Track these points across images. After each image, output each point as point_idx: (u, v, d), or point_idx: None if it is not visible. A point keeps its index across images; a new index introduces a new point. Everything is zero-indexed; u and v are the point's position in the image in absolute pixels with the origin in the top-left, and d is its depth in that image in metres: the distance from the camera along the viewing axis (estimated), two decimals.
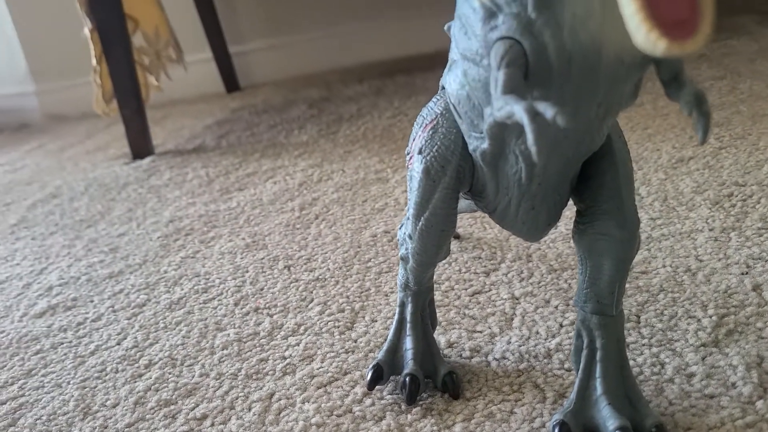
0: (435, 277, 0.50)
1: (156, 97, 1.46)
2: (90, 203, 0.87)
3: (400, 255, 0.37)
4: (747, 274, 0.43)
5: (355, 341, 0.44)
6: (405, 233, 0.36)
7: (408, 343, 0.38)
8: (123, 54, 1.01)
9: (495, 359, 0.39)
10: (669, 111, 0.77)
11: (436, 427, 0.35)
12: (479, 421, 0.34)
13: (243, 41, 1.60)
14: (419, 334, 0.38)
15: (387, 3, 1.54)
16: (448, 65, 0.32)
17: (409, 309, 0.38)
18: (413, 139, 0.35)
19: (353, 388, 0.39)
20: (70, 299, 0.59)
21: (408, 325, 0.38)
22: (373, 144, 0.89)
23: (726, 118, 0.71)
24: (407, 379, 0.37)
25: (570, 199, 0.33)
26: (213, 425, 0.38)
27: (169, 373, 0.44)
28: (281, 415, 0.38)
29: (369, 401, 0.37)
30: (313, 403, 0.38)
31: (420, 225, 0.34)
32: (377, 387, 0.38)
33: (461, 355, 0.40)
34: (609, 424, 0.31)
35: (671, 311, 0.41)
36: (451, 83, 0.30)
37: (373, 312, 0.47)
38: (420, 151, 0.33)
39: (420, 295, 0.38)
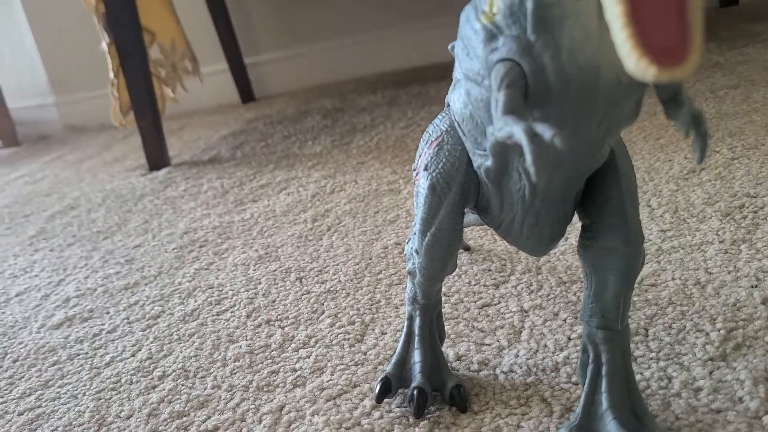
0: (444, 290, 0.50)
1: (173, 108, 1.49)
2: (107, 215, 0.89)
3: (407, 269, 0.38)
4: (756, 287, 0.43)
5: (365, 354, 0.44)
6: (412, 248, 0.36)
7: (416, 357, 0.38)
8: (140, 67, 1.02)
9: (503, 372, 0.40)
10: None
11: None
12: None
13: (258, 52, 1.62)
14: (427, 347, 0.39)
15: (400, 13, 1.55)
16: (452, 83, 0.32)
17: (418, 322, 0.39)
18: (419, 156, 0.35)
19: (362, 400, 0.39)
20: (86, 311, 0.60)
21: (416, 339, 0.39)
22: (386, 155, 0.90)
23: (739, 127, 0.71)
24: (415, 393, 0.37)
25: (575, 214, 0.34)
26: None
27: (182, 385, 0.45)
28: (291, 428, 0.38)
29: (377, 414, 0.38)
30: (323, 416, 0.39)
31: (426, 240, 0.35)
32: (386, 400, 0.38)
33: (469, 368, 0.41)
34: None
35: (679, 324, 0.41)
36: (455, 102, 0.31)
37: (383, 324, 0.48)
38: (426, 168, 0.34)
39: (428, 309, 0.39)
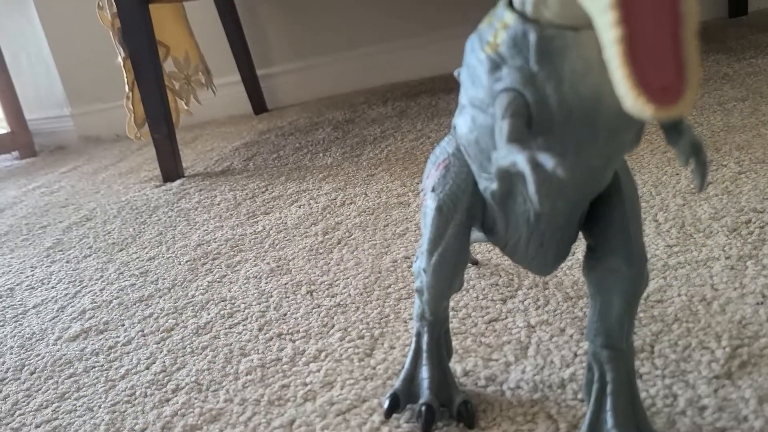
0: (452, 304, 0.51)
1: (187, 119, 1.50)
2: (122, 226, 0.90)
3: (415, 287, 0.38)
4: (762, 304, 0.43)
5: (374, 368, 0.45)
6: (420, 267, 0.37)
7: (424, 373, 0.39)
8: (154, 81, 1.04)
9: (509, 388, 0.40)
10: None
11: None
12: None
13: (270, 64, 1.63)
14: (435, 363, 0.39)
15: (409, 26, 1.56)
16: (458, 108, 0.33)
17: (425, 339, 0.40)
18: (427, 177, 0.36)
19: (371, 416, 0.40)
20: (102, 323, 0.61)
21: (424, 355, 0.40)
22: (396, 167, 0.91)
23: (747, 141, 0.71)
24: (423, 409, 0.38)
25: (580, 234, 0.34)
26: None
27: (195, 398, 0.46)
28: None
29: (386, 429, 0.39)
30: (333, 431, 0.39)
31: (434, 260, 0.35)
32: (394, 415, 0.39)
33: (477, 384, 0.41)
34: None
35: (685, 342, 0.41)
36: (461, 126, 0.31)
37: (392, 339, 0.48)
38: (433, 189, 0.35)
39: (436, 326, 0.40)
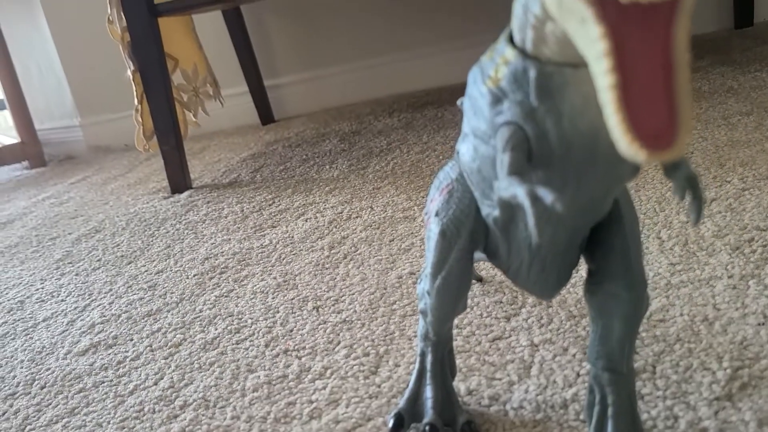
0: (457, 322, 0.51)
1: (194, 129, 1.52)
2: (131, 239, 0.91)
3: (419, 309, 0.39)
4: (763, 325, 0.43)
5: (379, 386, 0.46)
6: (424, 289, 0.38)
7: (428, 392, 0.40)
8: (163, 94, 1.05)
9: (513, 408, 0.41)
10: (694, 149, 0.78)
11: None
12: None
13: (278, 75, 1.65)
14: (439, 383, 0.40)
15: (415, 37, 1.58)
16: (462, 135, 0.34)
17: (430, 359, 0.40)
18: (430, 201, 0.37)
19: None
20: (111, 337, 0.62)
21: (428, 375, 0.40)
22: (401, 180, 0.91)
23: (751, 156, 0.71)
24: (427, 428, 0.38)
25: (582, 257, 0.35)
26: None
27: (203, 415, 0.46)
28: None
29: None
30: None
31: (437, 283, 0.36)
32: None
33: (480, 403, 0.42)
34: None
35: (687, 362, 0.41)
36: (464, 154, 0.32)
37: (397, 356, 0.49)
38: (437, 214, 0.35)
39: (439, 346, 0.40)
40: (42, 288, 0.79)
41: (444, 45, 1.56)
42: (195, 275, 0.73)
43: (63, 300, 0.74)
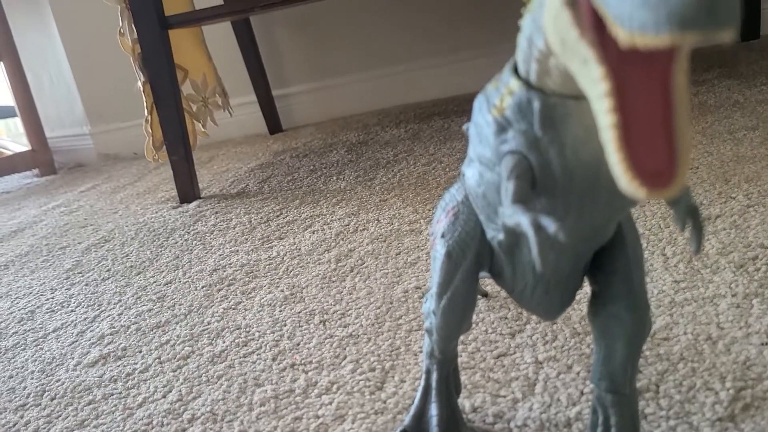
0: (462, 338, 0.52)
1: (203, 138, 1.53)
2: (140, 249, 0.92)
3: (425, 327, 0.40)
4: (767, 344, 0.44)
5: (385, 402, 0.46)
6: (429, 308, 0.38)
7: (433, 410, 0.40)
8: (173, 105, 1.07)
9: (517, 426, 0.41)
10: (699, 164, 0.78)
11: None
12: None
13: (286, 85, 1.66)
14: (444, 401, 0.40)
15: (422, 48, 1.58)
16: (467, 159, 0.34)
17: (435, 377, 0.41)
18: (436, 222, 0.37)
19: None
20: (120, 349, 0.63)
21: (433, 392, 0.41)
22: (408, 192, 0.92)
23: (756, 172, 0.72)
24: None
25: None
26: None
27: (210, 429, 0.47)
28: None
29: None
30: None
31: (443, 303, 0.37)
32: None
33: (485, 421, 0.42)
34: None
35: (690, 382, 0.42)
36: (470, 178, 0.33)
37: (402, 372, 0.49)
38: (443, 235, 0.36)
39: (445, 364, 0.41)
40: (52, 298, 0.80)
41: (451, 56, 1.57)
42: (203, 287, 0.74)
43: (73, 310, 0.75)
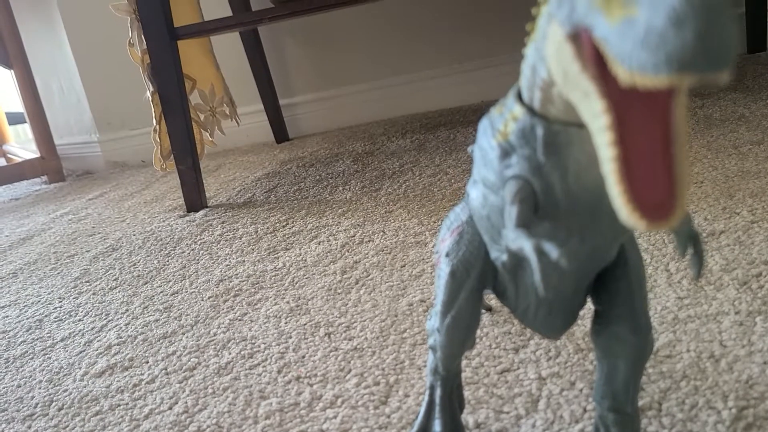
0: (466, 352, 0.52)
1: (211, 147, 1.54)
2: (147, 258, 0.93)
3: (429, 344, 0.40)
4: None
5: (389, 417, 0.47)
6: (433, 326, 0.39)
7: (437, 426, 0.41)
8: (181, 115, 1.08)
9: None
10: (704, 179, 0.78)
11: None
12: None
13: (293, 94, 1.67)
14: (447, 417, 0.41)
15: (429, 57, 1.59)
16: (472, 180, 0.35)
17: (438, 393, 0.41)
18: (441, 240, 0.38)
19: None
20: (127, 359, 0.63)
21: (437, 408, 0.41)
22: (413, 204, 0.93)
23: (761, 188, 0.72)
24: None
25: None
26: None
27: None
28: None
29: None
30: None
31: (447, 321, 0.37)
32: None
33: None
34: None
35: (692, 400, 0.42)
36: (475, 199, 0.33)
37: (407, 386, 0.50)
38: (447, 254, 0.36)
39: (448, 380, 0.41)
40: (60, 307, 0.81)
41: (457, 66, 1.58)
42: (210, 297, 0.74)
43: (81, 320, 0.76)
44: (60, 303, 0.82)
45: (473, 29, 1.56)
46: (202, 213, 1.11)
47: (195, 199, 1.13)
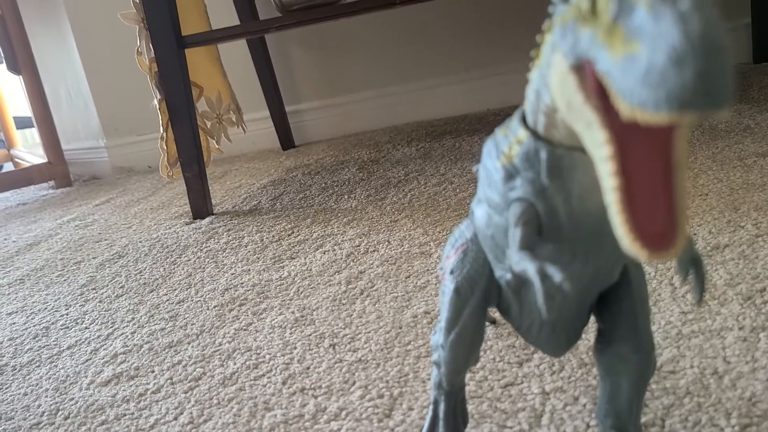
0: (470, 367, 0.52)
1: (217, 154, 1.55)
2: (153, 266, 0.94)
3: (433, 360, 0.40)
4: None
5: (392, 430, 0.47)
6: (438, 342, 0.39)
7: None
8: (188, 123, 1.08)
9: None
10: (708, 191, 0.78)
11: None
12: None
13: (299, 101, 1.68)
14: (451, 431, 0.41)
15: (435, 65, 1.60)
16: (476, 198, 0.35)
17: (442, 407, 0.41)
18: (446, 257, 0.38)
19: None
20: (133, 368, 0.64)
21: (441, 423, 0.41)
22: (418, 213, 0.93)
23: (766, 201, 0.72)
24: None
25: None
26: None
27: None
28: None
29: None
30: None
31: (451, 337, 0.37)
32: None
33: None
34: None
35: (695, 417, 0.42)
36: (479, 218, 0.34)
37: (411, 399, 0.50)
38: (452, 272, 0.37)
39: (452, 395, 0.41)
40: (66, 314, 0.82)
41: (463, 74, 1.58)
42: (215, 306, 0.75)
43: (87, 327, 0.76)
44: (66, 310, 0.83)
45: (479, 37, 1.57)
46: (208, 220, 1.12)
47: (201, 207, 1.14)
